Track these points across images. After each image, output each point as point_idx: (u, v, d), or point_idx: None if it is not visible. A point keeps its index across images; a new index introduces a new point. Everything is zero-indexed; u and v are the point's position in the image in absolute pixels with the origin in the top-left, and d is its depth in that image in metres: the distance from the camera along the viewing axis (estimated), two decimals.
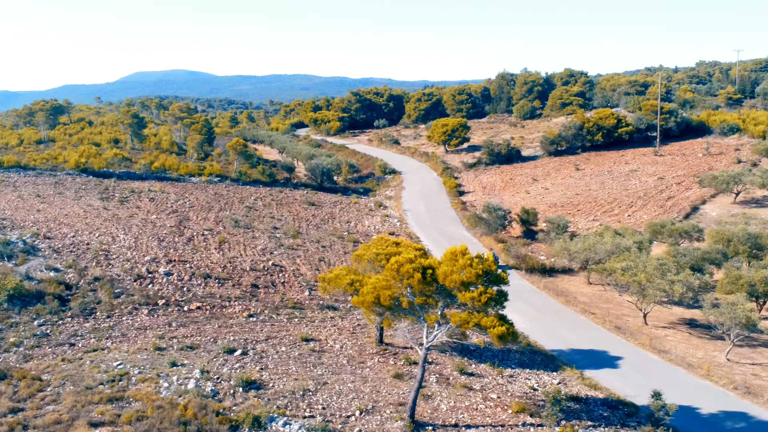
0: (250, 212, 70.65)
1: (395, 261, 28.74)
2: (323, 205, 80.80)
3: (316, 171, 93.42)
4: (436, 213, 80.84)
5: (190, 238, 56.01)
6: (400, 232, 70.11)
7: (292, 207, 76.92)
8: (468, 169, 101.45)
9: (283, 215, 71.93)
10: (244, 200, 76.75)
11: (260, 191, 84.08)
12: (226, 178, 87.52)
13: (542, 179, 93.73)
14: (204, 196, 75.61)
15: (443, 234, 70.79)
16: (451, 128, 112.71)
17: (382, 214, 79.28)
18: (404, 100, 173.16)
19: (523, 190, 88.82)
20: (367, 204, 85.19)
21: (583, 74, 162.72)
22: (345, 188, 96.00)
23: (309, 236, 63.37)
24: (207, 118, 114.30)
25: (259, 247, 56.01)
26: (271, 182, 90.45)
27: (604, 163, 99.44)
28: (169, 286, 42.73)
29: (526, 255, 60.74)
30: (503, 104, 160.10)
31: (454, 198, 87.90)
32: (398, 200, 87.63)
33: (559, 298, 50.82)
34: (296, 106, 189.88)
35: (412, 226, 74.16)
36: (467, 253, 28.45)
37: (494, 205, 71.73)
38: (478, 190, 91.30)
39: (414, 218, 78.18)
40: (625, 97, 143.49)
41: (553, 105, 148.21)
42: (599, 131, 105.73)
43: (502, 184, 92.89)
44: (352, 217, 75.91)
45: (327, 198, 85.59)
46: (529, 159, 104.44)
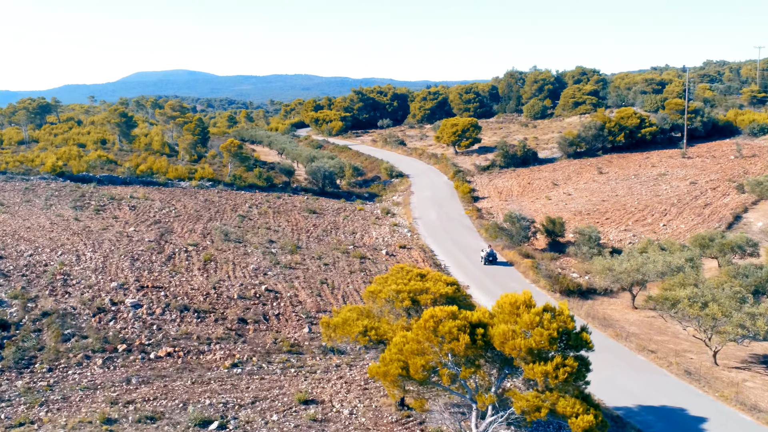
0: (244, 222, 61.82)
1: (430, 316, 19.93)
2: (325, 212, 72.00)
3: (318, 174, 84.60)
4: (450, 221, 72.04)
5: (171, 255, 47.15)
6: (412, 245, 61.29)
7: (291, 215, 68.10)
8: (481, 172, 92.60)
9: (281, 225, 63.10)
10: (237, 208, 67.90)
11: (256, 197, 75.25)
12: (218, 183, 78.70)
13: (563, 183, 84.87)
14: (193, 204, 66.78)
15: (460, 247, 61.98)
16: (462, 128, 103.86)
17: (391, 222, 70.47)
18: (409, 99, 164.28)
19: (544, 196, 79.98)
20: (374, 211, 76.40)
21: (596, 72, 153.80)
22: (348, 193, 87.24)
23: (309, 251, 54.54)
24: (201, 117, 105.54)
25: (251, 266, 47.16)
26: (269, 187, 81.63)
27: (629, 165, 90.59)
28: (135, 323, 33.86)
29: (559, 274, 51.90)
30: (512, 103, 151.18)
31: (468, 204, 79.09)
32: (407, 207, 78.81)
33: (607, 331, 41.99)
34: (297, 106, 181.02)
35: (424, 237, 65.34)
36: (533, 305, 19.66)
37: (517, 214, 62.89)
38: (494, 196, 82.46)
39: (426, 227, 69.37)
40: (641, 95, 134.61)
41: (565, 104, 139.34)
42: (621, 131, 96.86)
43: (519, 189, 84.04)
44: (357, 226, 67.06)
45: (329, 204, 76.79)
46: (546, 161, 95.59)
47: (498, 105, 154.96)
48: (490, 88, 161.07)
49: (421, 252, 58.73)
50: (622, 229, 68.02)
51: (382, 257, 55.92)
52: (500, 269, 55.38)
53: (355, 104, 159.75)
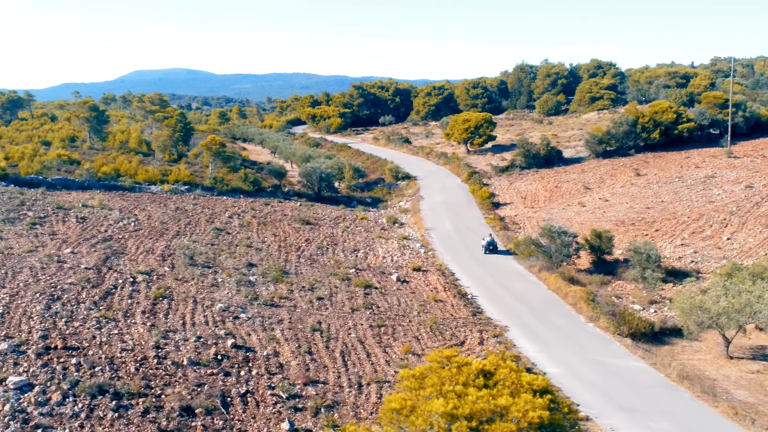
0: (219, 238, 48.68)
1: None
2: (321, 222, 58.93)
3: (313, 177, 71.44)
4: (469, 233, 59.04)
5: (110, 291, 34.04)
6: (428, 266, 48.23)
7: (280, 227, 55.01)
8: (499, 173, 79.49)
9: (266, 241, 49.99)
10: (214, 218, 54.77)
11: (239, 204, 62.12)
12: (196, 187, 65.52)
13: (596, 187, 71.83)
14: (160, 213, 53.64)
15: (487, 268, 48.96)
16: (474, 124, 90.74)
17: (399, 235, 57.41)
18: (412, 94, 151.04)
19: (576, 202, 66.91)
20: (378, 220, 63.34)
21: (612, 65, 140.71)
22: (348, 198, 74.15)
23: (299, 278, 41.45)
24: (183, 112, 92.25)
25: (218, 304, 34.08)
26: (256, 191, 68.48)
27: (668, 166, 77.53)
28: (8, 427, 20.70)
29: (624, 311, 38.75)
30: (523, 99, 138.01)
31: (488, 212, 66.06)
32: (417, 215, 65.75)
33: (717, 405, 28.88)
34: (293, 102, 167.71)
35: (440, 254, 52.30)
36: None
37: (557, 227, 49.76)
38: (517, 202, 69.39)
39: (441, 241, 56.36)
40: (664, 90, 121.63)
41: (581, 99, 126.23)
42: (656, 128, 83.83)
43: (546, 194, 70.97)
44: (359, 241, 53.99)
45: (326, 212, 63.71)
46: (572, 161, 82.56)
47: (508, 101, 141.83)
48: (498, 83, 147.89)
49: (440, 276, 45.66)
50: (678, 243, 54.96)
51: (392, 284, 42.86)
52: (547, 305, 42.33)
53: (354, 100, 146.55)
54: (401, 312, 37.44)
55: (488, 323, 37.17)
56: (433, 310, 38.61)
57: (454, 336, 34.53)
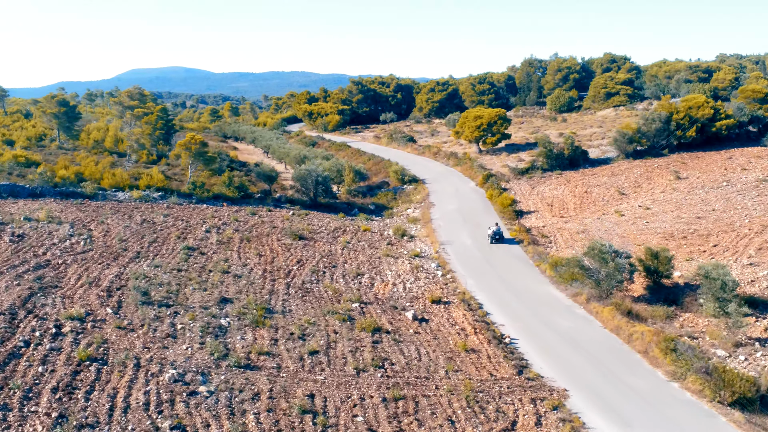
0: (190, 261, 38.38)
1: None
2: (317, 236, 48.68)
3: (308, 181, 61.12)
4: (491, 249, 48.85)
5: (17, 351, 23.78)
6: (449, 295, 38.03)
7: (267, 243, 44.73)
8: (518, 176, 69.25)
9: (249, 263, 39.72)
10: (188, 233, 44.45)
11: (222, 214, 51.83)
12: (172, 193, 55.16)
13: (633, 193, 61.68)
14: (121, 228, 43.32)
15: (522, 298, 38.77)
16: (487, 121, 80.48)
17: (410, 251, 47.20)
18: (414, 91, 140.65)
19: (612, 210, 56.74)
20: (384, 232, 53.14)
21: (627, 60, 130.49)
22: (348, 205, 63.90)
23: (287, 318, 31.22)
24: (165, 108, 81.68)
25: (169, 372, 23.80)
26: (242, 198, 58.19)
27: (710, 168, 67.41)
28: None
29: (722, 368, 28.48)
30: (533, 95, 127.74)
31: (511, 222, 55.91)
32: (428, 225, 55.55)
33: None
34: (289, 98, 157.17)
35: (461, 278, 42.09)
36: None
37: (607, 245, 39.48)
38: (543, 210, 59.20)
39: (460, 260, 46.16)
40: (686, 85, 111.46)
41: (596, 95, 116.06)
42: (692, 125, 73.69)
43: (575, 201, 60.78)
44: (363, 261, 43.72)
45: (323, 222, 53.45)
46: (598, 162, 72.37)
47: (516, 97, 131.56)
48: (506, 79, 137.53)
49: (467, 310, 35.45)
50: (745, 262, 44.81)
51: (407, 325, 32.65)
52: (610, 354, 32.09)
53: (354, 96, 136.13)
54: (423, 371, 27.22)
55: (541, 386, 26.99)
56: (466, 365, 28.41)
57: (499, 412, 24.34)
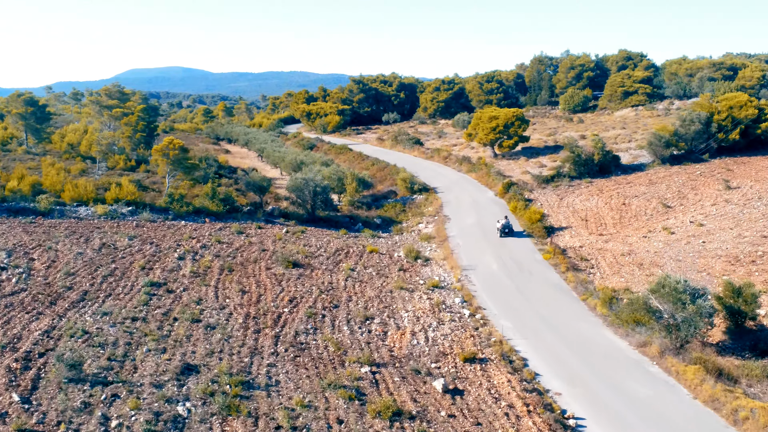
0: (151, 304, 29.46)
1: None
2: (315, 261, 39.78)
3: (305, 191, 52.16)
4: (524, 276, 40.01)
5: None
6: (484, 346, 29.18)
7: (253, 274, 35.83)
8: (542, 185, 60.34)
9: (227, 305, 30.82)
10: (155, 263, 35.50)
11: (201, 233, 42.88)
12: (145, 208, 46.19)
13: (678, 205, 52.80)
14: (72, 256, 34.41)
15: (574, 348, 29.89)
16: (504, 122, 71.60)
17: (427, 281, 38.34)
18: (418, 90, 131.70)
19: (660, 227, 47.86)
20: (393, 253, 44.26)
21: (644, 57, 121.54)
22: (351, 218, 55.00)
23: (272, 398, 22.34)
24: (147, 107, 72.61)
25: None
26: (228, 213, 49.26)
27: (761, 176, 58.55)
28: None
29: None
30: (545, 94, 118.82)
31: (541, 240, 47.08)
32: (445, 245, 46.66)
33: None
34: (286, 98, 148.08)
35: (494, 318, 33.27)
36: None
37: (683, 282, 30.56)
38: (577, 225, 50.30)
39: (489, 291, 37.32)
40: (709, 83, 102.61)
41: (612, 94, 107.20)
42: (735, 127, 64.88)
43: (613, 214, 51.89)
44: (372, 297, 34.81)
45: (322, 242, 44.54)
46: (631, 169, 63.50)
47: (526, 96, 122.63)
48: (515, 77, 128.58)
49: (511, 373, 26.58)
50: None
51: (436, 403, 23.77)
52: None
53: (354, 95, 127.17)
54: None
55: None
56: None
57: None
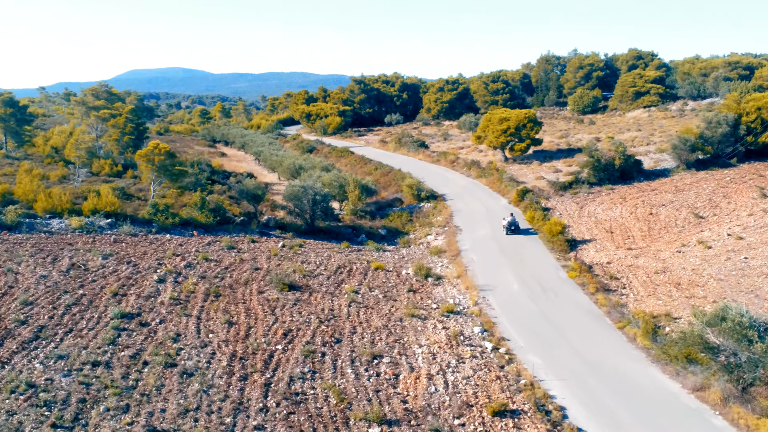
0: (119, 343, 24.61)
1: None
2: (314, 282, 34.97)
3: (303, 200, 47.34)
4: (548, 297, 35.21)
5: None
6: (514, 392, 24.38)
7: (243, 299, 30.99)
8: (560, 191, 55.51)
9: (210, 341, 26.01)
10: (130, 287, 30.65)
11: (187, 249, 38.05)
12: (125, 220, 41.36)
13: (711, 215, 47.92)
14: (34, 280, 29.58)
15: (618, 392, 25.03)
16: (515, 124, 66.82)
17: (441, 305, 33.55)
18: (421, 90, 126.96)
19: (694, 240, 42.99)
20: (401, 270, 39.45)
21: (654, 56, 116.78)
22: (354, 229, 50.18)
23: None
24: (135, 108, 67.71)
25: None
26: (219, 224, 44.46)
27: None
28: None
29: None
30: (553, 94, 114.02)
31: (563, 254, 42.28)
32: (457, 260, 41.86)
33: None
34: (286, 99, 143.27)
35: (520, 352, 28.49)
36: None
37: (748, 315, 25.84)
38: (602, 237, 45.46)
39: (512, 318, 32.51)
40: (725, 83, 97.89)
41: (623, 95, 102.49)
42: (765, 129, 60.09)
43: (640, 225, 47.03)
44: (379, 328, 29.96)
45: (322, 257, 39.72)
46: (654, 174, 58.72)
47: (533, 97, 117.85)
48: (521, 77, 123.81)
49: (551, 430, 21.78)
50: None
51: None
52: None
53: (356, 96, 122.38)
54: None
55: None
56: None
57: None
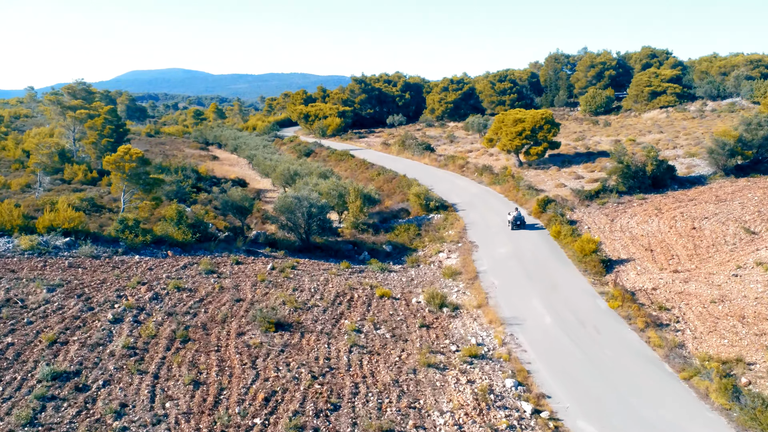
0: (41, 421, 18.08)
1: None
2: (306, 317, 28.44)
3: (297, 213, 40.86)
4: (590, 335, 28.74)
5: None
6: None
7: (217, 346, 24.47)
8: (585, 201, 49.00)
9: (167, 414, 19.47)
10: (74, 332, 24.09)
11: (157, 275, 31.52)
12: (86, 238, 34.81)
13: (764, 230, 41.44)
14: None
15: None
16: (531, 126, 60.40)
17: (462, 348, 27.07)
18: (424, 90, 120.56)
19: (750, 261, 36.49)
20: (411, 297, 32.98)
21: (669, 54, 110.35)
22: (355, 245, 43.68)
23: None
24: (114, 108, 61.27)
25: None
26: (199, 241, 37.96)
27: None
28: None
29: None
30: (563, 94, 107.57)
31: (598, 277, 35.86)
32: (476, 285, 35.37)
33: None
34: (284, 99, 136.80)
35: (565, 414, 22.01)
36: None
37: None
38: (641, 256, 38.95)
39: (549, 365, 26.01)
40: (747, 82, 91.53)
41: (638, 95, 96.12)
42: None
43: (684, 242, 40.52)
44: (387, 385, 23.41)
45: (317, 283, 33.20)
46: (689, 182, 52.25)
47: (542, 97, 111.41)
48: (529, 76, 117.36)
49: None
50: None
51: None
52: None
53: (356, 96, 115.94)
54: None
55: None
56: None
57: None
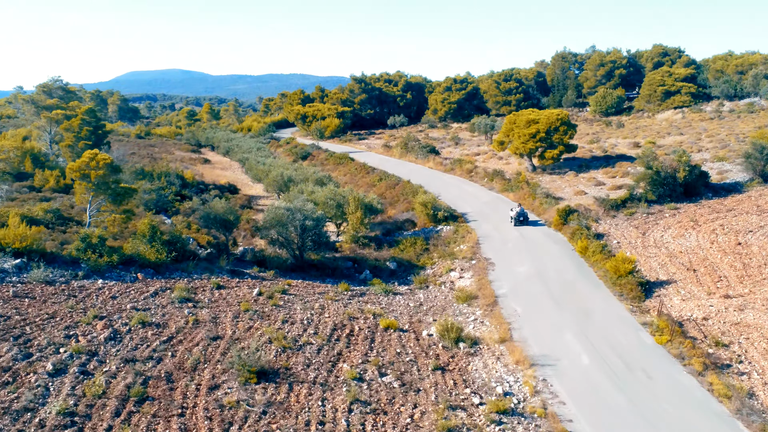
0: None
1: None
2: (296, 361, 23.03)
3: (289, 227, 35.48)
4: (639, 381, 23.41)
5: None
6: None
7: (181, 406, 19.07)
8: (611, 211, 43.67)
9: None
10: (1, 388, 18.73)
11: (120, 306, 26.10)
12: (40, 260, 29.36)
13: None
14: None
15: None
16: (545, 128, 55.08)
17: (488, 404, 21.64)
18: (426, 90, 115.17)
19: None
20: (421, 330, 27.61)
21: (682, 52, 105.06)
22: (355, 262, 38.31)
23: None
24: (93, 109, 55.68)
25: None
26: (176, 261, 32.55)
27: None
28: None
29: None
30: (571, 94, 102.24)
31: (636, 303, 30.55)
32: (496, 314, 30.01)
33: None
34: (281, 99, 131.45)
35: None
36: None
37: None
38: (684, 278, 33.58)
39: (596, 426, 20.68)
40: (766, 81, 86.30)
41: (651, 94, 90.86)
42: None
43: (730, 261, 35.18)
44: None
45: (311, 313, 27.79)
46: (724, 190, 46.93)
47: (549, 97, 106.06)
48: (535, 75, 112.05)
49: None
50: None
51: None
52: None
53: (356, 96, 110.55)
54: None
55: None
56: None
57: None
